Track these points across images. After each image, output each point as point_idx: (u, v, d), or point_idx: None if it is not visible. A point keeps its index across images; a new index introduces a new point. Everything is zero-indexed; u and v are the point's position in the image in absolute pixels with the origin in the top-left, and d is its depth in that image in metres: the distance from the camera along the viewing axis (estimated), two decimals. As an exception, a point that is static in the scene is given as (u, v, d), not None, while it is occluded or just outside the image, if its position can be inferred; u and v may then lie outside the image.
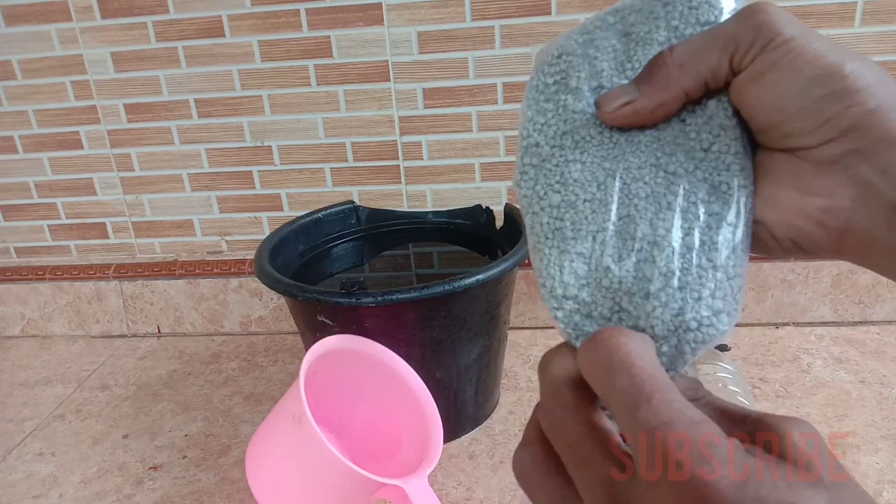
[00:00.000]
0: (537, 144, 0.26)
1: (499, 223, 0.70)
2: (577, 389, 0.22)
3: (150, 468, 0.62)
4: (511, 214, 0.67)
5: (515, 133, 0.76)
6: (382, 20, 0.73)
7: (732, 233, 0.23)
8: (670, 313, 0.23)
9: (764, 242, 0.25)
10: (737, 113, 0.24)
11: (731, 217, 0.23)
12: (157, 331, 0.88)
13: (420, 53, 0.74)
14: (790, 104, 0.22)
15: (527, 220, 0.26)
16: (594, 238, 0.24)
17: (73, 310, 0.88)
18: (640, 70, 0.25)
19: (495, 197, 0.79)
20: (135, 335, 0.88)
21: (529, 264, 0.27)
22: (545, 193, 0.25)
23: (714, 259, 0.23)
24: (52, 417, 0.72)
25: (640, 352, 0.21)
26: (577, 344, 0.24)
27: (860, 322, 0.75)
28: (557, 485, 0.22)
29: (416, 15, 0.73)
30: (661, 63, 0.24)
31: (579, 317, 0.24)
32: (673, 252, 0.23)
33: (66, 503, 0.58)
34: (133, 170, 0.84)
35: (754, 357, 0.71)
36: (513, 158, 0.77)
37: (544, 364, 0.24)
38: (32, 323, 0.90)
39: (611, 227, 0.24)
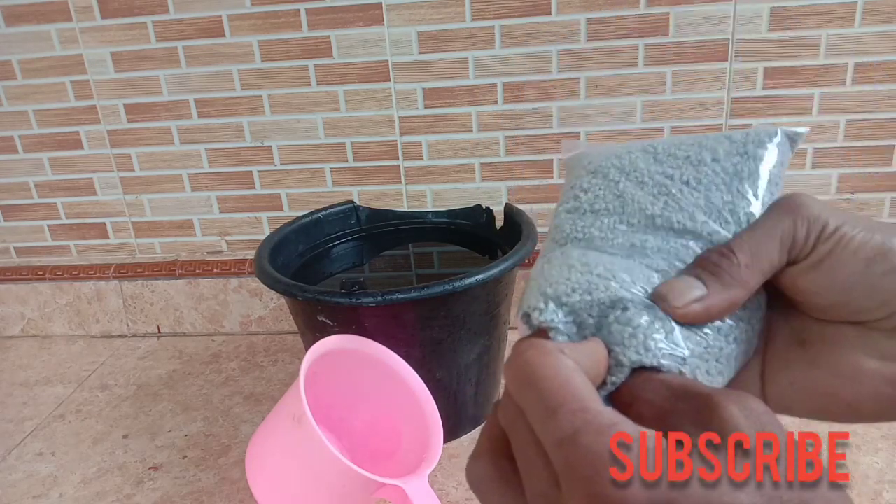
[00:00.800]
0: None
1: (499, 223, 0.70)
2: None
3: (150, 468, 0.62)
4: (511, 214, 0.67)
5: (515, 133, 0.76)
6: (382, 20, 0.73)
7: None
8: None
9: (837, 414, 0.25)
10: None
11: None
12: (157, 331, 0.88)
13: (420, 53, 0.74)
14: (854, 285, 0.23)
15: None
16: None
17: (73, 310, 0.88)
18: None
19: (495, 197, 0.79)
20: (135, 335, 0.88)
21: (529, 264, 0.27)
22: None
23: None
24: (52, 417, 0.72)
25: (550, 363, 0.21)
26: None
27: (860, 322, 0.75)
28: (506, 499, 0.22)
29: (416, 15, 0.73)
30: (729, 262, 0.24)
31: (559, 316, 0.24)
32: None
33: (66, 503, 0.58)
34: (133, 170, 0.84)
35: (754, 357, 0.71)
36: (512, 158, 0.77)
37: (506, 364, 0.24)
38: (32, 323, 0.90)
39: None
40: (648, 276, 0.24)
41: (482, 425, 0.66)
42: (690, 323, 0.24)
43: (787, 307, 0.26)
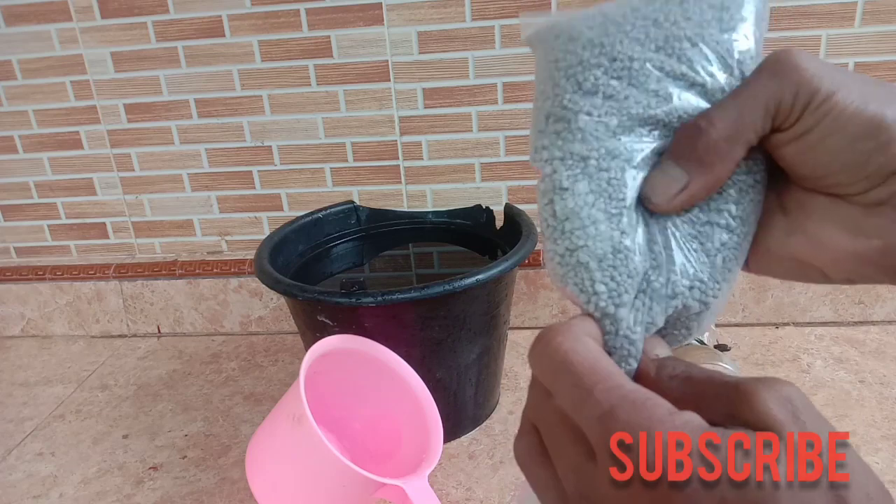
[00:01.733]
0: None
1: (499, 223, 0.70)
2: None
3: (150, 468, 0.62)
4: (511, 214, 0.67)
5: (515, 133, 0.76)
6: (382, 20, 0.73)
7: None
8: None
9: (811, 278, 0.25)
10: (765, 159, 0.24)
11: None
12: (157, 331, 0.88)
13: (420, 53, 0.74)
14: (835, 160, 0.22)
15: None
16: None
17: (73, 310, 0.88)
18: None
19: (495, 197, 0.79)
20: (135, 335, 0.88)
21: (529, 264, 0.27)
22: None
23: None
24: (52, 417, 0.72)
25: (578, 347, 0.22)
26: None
27: (860, 322, 0.75)
28: (548, 472, 0.22)
29: (416, 15, 0.73)
30: (706, 138, 0.23)
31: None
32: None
33: (66, 503, 0.58)
34: (133, 170, 0.84)
35: (754, 357, 0.71)
36: (512, 158, 0.77)
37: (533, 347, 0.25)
38: (32, 323, 0.90)
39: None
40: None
41: (484, 424, 0.65)
42: (678, 212, 0.24)
43: (776, 174, 0.25)
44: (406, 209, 0.80)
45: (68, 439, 0.67)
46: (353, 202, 0.73)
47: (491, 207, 0.71)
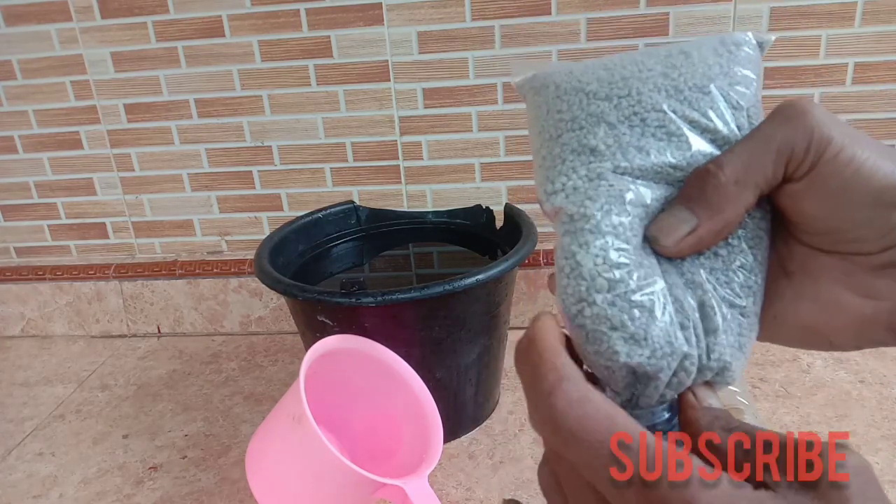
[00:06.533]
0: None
1: (499, 223, 0.70)
2: None
3: (150, 468, 0.62)
4: (511, 214, 0.67)
5: (515, 133, 0.76)
6: (382, 20, 0.73)
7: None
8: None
9: (818, 345, 0.24)
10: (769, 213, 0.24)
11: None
12: (157, 331, 0.88)
13: (420, 53, 0.74)
14: (859, 215, 0.22)
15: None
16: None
17: (73, 310, 0.88)
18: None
19: (495, 197, 0.79)
20: (135, 335, 0.88)
21: (529, 264, 0.27)
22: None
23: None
24: (52, 417, 0.72)
25: (586, 413, 0.20)
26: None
27: (860, 322, 0.75)
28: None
29: (416, 15, 0.73)
30: (716, 181, 0.22)
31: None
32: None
33: (66, 503, 0.58)
34: (133, 170, 0.84)
35: (754, 357, 0.71)
36: (512, 158, 0.77)
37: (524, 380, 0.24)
38: (32, 323, 0.90)
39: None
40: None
41: (484, 424, 0.65)
42: (686, 256, 0.23)
43: (775, 233, 0.24)
44: (406, 209, 0.80)
45: (68, 439, 0.67)
46: (353, 202, 0.73)
47: (491, 207, 0.71)
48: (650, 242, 0.23)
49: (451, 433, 0.60)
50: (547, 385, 0.21)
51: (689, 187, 0.23)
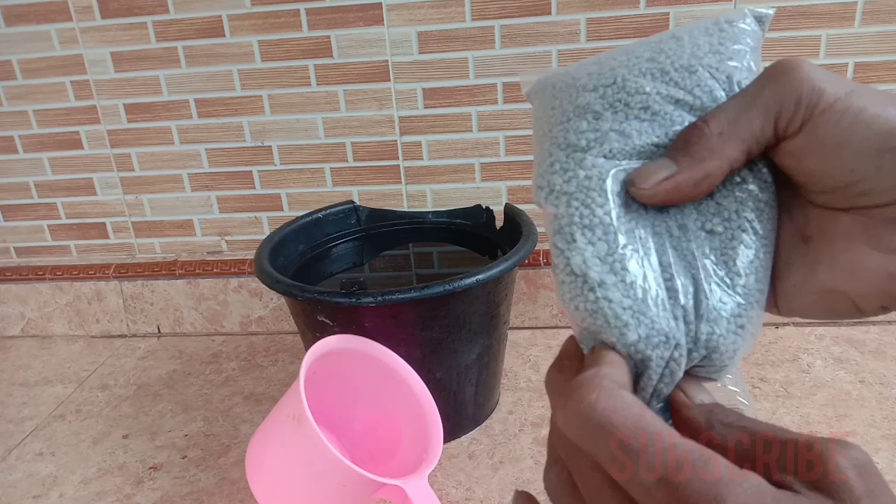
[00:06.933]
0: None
1: (499, 223, 0.70)
2: None
3: (150, 468, 0.62)
4: (511, 214, 0.67)
5: (515, 133, 0.76)
6: (382, 20, 0.73)
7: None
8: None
9: (843, 312, 0.23)
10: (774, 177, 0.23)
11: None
12: (157, 331, 0.88)
13: (420, 53, 0.74)
14: (865, 164, 0.21)
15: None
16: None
17: (73, 310, 0.88)
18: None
19: (495, 197, 0.79)
20: (135, 335, 0.88)
21: (529, 264, 0.27)
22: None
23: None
24: (52, 417, 0.72)
25: (616, 406, 0.20)
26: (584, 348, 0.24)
27: (860, 322, 0.75)
28: (578, 502, 0.22)
29: (416, 15, 0.73)
30: (699, 133, 0.22)
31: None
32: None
33: (66, 503, 0.58)
34: (133, 170, 0.84)
35: (754, 357, 0.71)
36: (512, 158, 0.77)
37: (553, 385, 0.23)
38: (32, 323, 0.90)
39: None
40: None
41: (484, 424, 0.65)
42: (662, 203, 0.23)
43: (790, 200, 0.24)
44: (406, 209, 0.80)
45: (68, 439, 0.67)
46: (353, 202, 0.73)
47: (491, 207, 0.71)
48: (627, 186, 0.23)
49: (451, 433, 0.60)
50: (582, 378, 0.21)
51: (675, 142, 0.23)
